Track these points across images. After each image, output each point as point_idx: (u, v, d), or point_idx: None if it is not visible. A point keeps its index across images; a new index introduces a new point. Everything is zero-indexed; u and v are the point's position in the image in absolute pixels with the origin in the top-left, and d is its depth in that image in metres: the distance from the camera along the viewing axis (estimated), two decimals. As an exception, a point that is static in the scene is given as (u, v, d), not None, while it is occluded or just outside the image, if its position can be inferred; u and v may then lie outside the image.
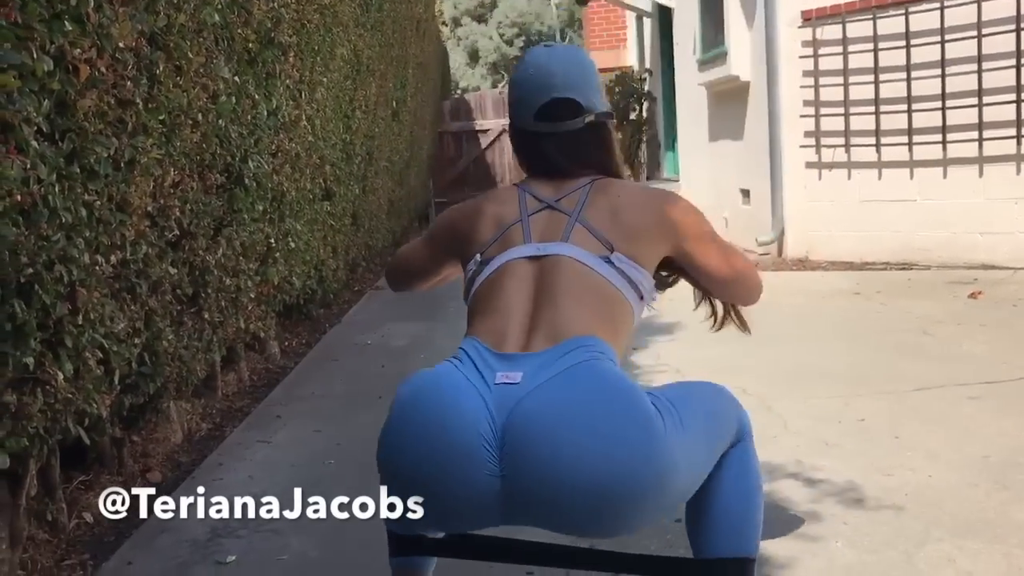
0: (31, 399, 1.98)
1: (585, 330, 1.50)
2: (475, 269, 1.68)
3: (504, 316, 1.56)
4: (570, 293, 1.55)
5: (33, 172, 1.84)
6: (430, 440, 1.42)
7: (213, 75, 3.09)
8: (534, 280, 1.59)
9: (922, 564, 2.05)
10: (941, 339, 4.23)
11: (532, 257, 1.62)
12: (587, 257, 1.60)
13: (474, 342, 1.53)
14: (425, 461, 1.43)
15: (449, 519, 1.51)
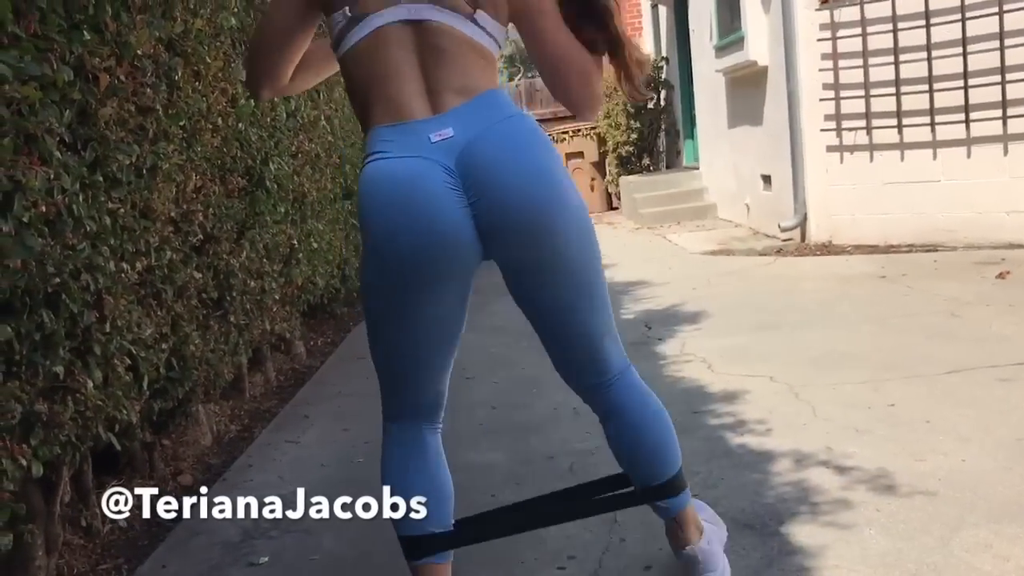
0: (62, 407, 2.00)
1: (487, 86, 1.67)
2: (344, 23, 1.68)
3: (397, 83, 1.65)
4: (454, 55, 1.65)
5: (57, 182, 1.85)
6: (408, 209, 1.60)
7: (232, 79, 3.10)
8: (415, 45, 1.65)
9: (958, 550, 2.03)
10: (970, 321, 4.19)
11: (407, 21, 1.65)
12: (456, 20, 1.66)
13: (379, 133, 1.65)
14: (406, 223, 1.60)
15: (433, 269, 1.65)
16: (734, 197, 8.85)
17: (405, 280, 1.66)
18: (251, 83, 1.90)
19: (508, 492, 2.63)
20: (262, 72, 1.86)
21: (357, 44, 1.66)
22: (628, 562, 2.16)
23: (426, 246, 1.62)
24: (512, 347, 4.38)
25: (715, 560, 1.92)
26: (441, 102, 1.64)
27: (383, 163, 1.63)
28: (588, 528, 2.36)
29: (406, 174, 1.61)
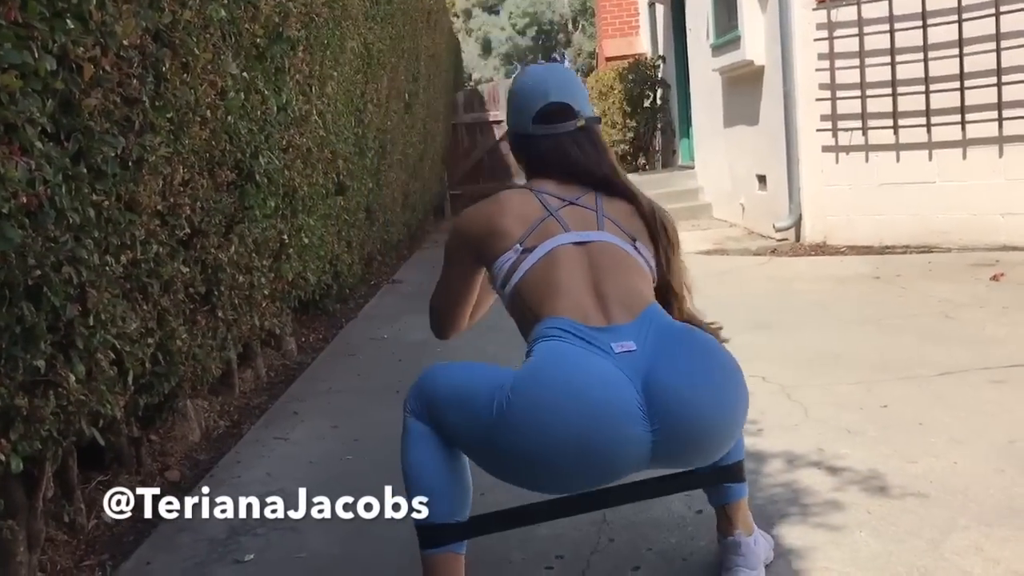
0: (43, 402, 1.97)
1: (649, 300, 1.79)
2: (516, 258, 1.84)
3: (573, 294, 1.77)
4: (621, 271, 1.81)
5: (39, 173, 1.82)
6: (599, 414, 1.59)
7: (221, 71, 3.07)
8: (585, 262, 1.81)
9: (949, 553, 2.01)
10: (963, 323, 4.17)
11: (577, 243, 1.83)
12: (622, 243, 1.86)
13: (563, 321, 1.72)
14: (589, 429, 1.58)
15: (604, 477, 1.69)
16: (729, 197, 8.84)
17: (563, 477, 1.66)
18: (437, 332, 2.20)
19: (499, 492, 2.59)
20: (450, 326, 2.16)
21: (532, 267, 1.82)
22: (617, 562, 2.14)
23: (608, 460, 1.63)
24: (506, 346, 4.33)
25: (755, 560, 1.95)
26: (612, 315, 1.74)
27: (572, 347, 1.67)
28: (576, 528, 2.34)
29: (603, 375, 1.63)
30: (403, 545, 2.34)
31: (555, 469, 1.62)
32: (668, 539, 2.23)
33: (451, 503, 1.82)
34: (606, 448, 1.60)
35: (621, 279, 1.80)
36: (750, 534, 1.98)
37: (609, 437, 1.59)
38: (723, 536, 1.99)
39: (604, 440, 1.59)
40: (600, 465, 1.63)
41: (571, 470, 1.63)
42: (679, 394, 1.62)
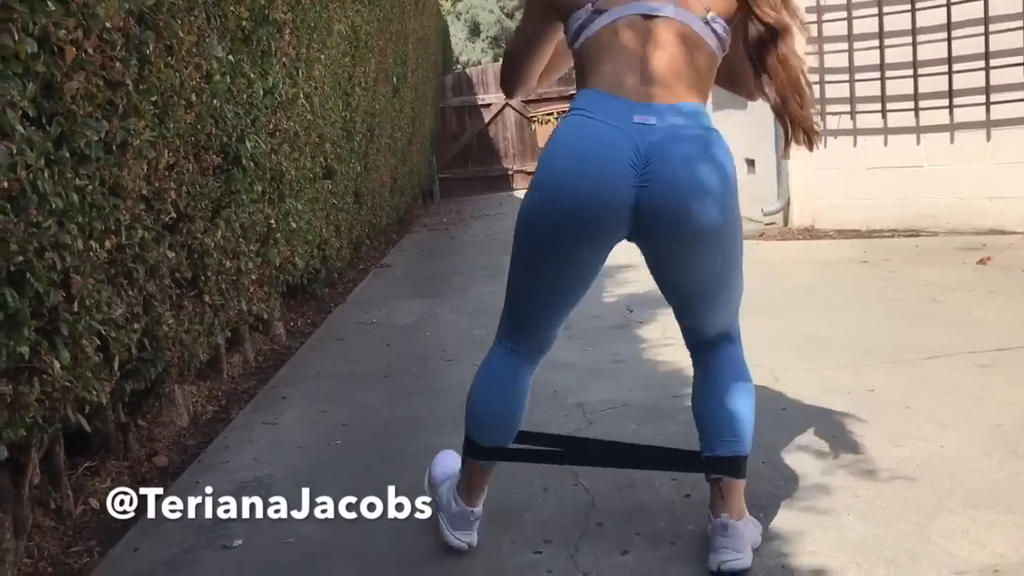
0: (28, 388, 1.96)
1: (693, 95, 1.87)
2: (586, 17, 1.91)
3: (623, 67, 1.86)
4: (679, 56, 1.86)
5: (20, 157, 1.80)
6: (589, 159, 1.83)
7: (206, 54, 3.03)
8: (650, 37, 1.86)
9: (936, 536, 2.02)
10: (950, 306, 4.19)
11: (645, 16, 1.87)
12: (691, 19, 1.87)
13: (592, 93, 1.88)
14: (583, 174, 1.83)
15: (588, 222, 1.87)
16: (718, 180, 8.84)
17: (562, 223, 1.87)
18: (507, 87, 2.25)
19: (485, 475, 2.60)
20: (520, 79, 2.21)
21: (598, 31, 1.89)
22: (605, 546, 2.14)
23: (588, 203, 1.84)
24: (492, 329, 4.34)
25: (742, 543, 1.99)
26: (651, 93, 1.84)
27: (586, 120, 1.86)
28: (564, 513, 2.34)
29: (601, 138, 1.83)
30: (390, 531, 2.35)
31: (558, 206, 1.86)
32: (656, 523, 2.24)
33: (496, 431, 2.13)
34: (596, 190, 1.82)
35: (674, 61, 1.87)
36: (740, 518, 2.02)
37: (596, 187, 1.82)
38: (713, 516, 2.03)
39: (591, 188, 1.82)
40: (592, 207, 1.84)
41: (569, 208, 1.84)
42: (675, 165, 1.81)
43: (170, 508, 2.36)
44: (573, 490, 2.48)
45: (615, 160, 1.81)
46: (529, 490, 2.49)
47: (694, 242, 1.89)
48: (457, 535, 2.18)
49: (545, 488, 2.51)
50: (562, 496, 2.45)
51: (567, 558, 2.11)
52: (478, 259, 7.33)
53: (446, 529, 2.19)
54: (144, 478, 2.92)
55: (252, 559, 2.28)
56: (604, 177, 1.82)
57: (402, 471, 2.72)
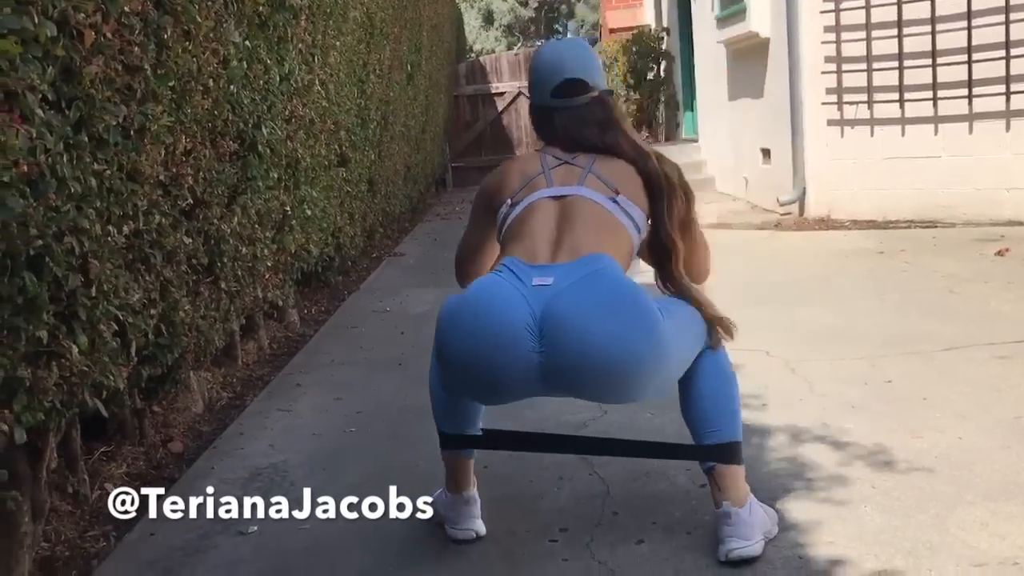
0: (46, 373, 1.96)
1: (598, 249, 1.94)
2: (506, 211, 2.10)
3: (532, 239, 1.99)
4: (585, 222, 1.99)
5: (40, 141, 1.80)
6: (486, 327, 1.85)
7: (223, 40, 3.03)
8: (556, 213, 2.02)
9: (954, 528, 2.01)
10: (968, 298, 4.16)
11: (554, 197, 2.05)
12: (598, 196, 2.04)
13: (510, 259, 1.96)
14: (482, 344, 1.85)
15: (499, 390, 1.93)
16: (733, 170, 8.79)
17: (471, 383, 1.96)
18: (460, 281, 2.36)
19: (501, 464, 2.60)
20: (473, 275, 2.23)
21: (514, 217, 2.07)
22: (620, 535, 2.14)
23: (489, 368, 1.87)
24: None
25: (749, 531, 1.99)
26: (558, 257, 1.94)
27: (492, 277, 1.94)
28: (580, 501, 2.34)
29: (500, 300, 1.88)
30: (405, 520, 2.35)
31: (467, 374, 1.92)
32: (672, 512, 2.23)
33: (461, 418, 2.19)
34: (496, 358, 1.85)
35: (580, 229, 1.98)
36: (741, 505, 2.01)
37: (498, 347, 1.84)
38: (716, 507, 2.05)
39: (493, 350, 1.85)
40: (495, 373, 1.87)
41: (476, 376, 1.90)
42: (568, 322, 1.82)
43: (171, 508, 2.36)
44: (588, 479, 2.48)
45: (508, 325, 1.84)
46: (544, 479, 2.49)
47: (624, 378, 1.86)
48: (458, 526, 2.21)
49: (560, 477, 2.50)
50: (577, 485, 2.44)
51: (583, 547, 2.10)
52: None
53: (448, 527, 2.22)
54: (159, 464, 2.93)
55: (267, 545, 2.29)
56: (501, 345, 1.84)
57: (417, 459, 2.73)
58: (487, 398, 2.07)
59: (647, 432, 2.76)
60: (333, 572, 2.13)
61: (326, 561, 2.18)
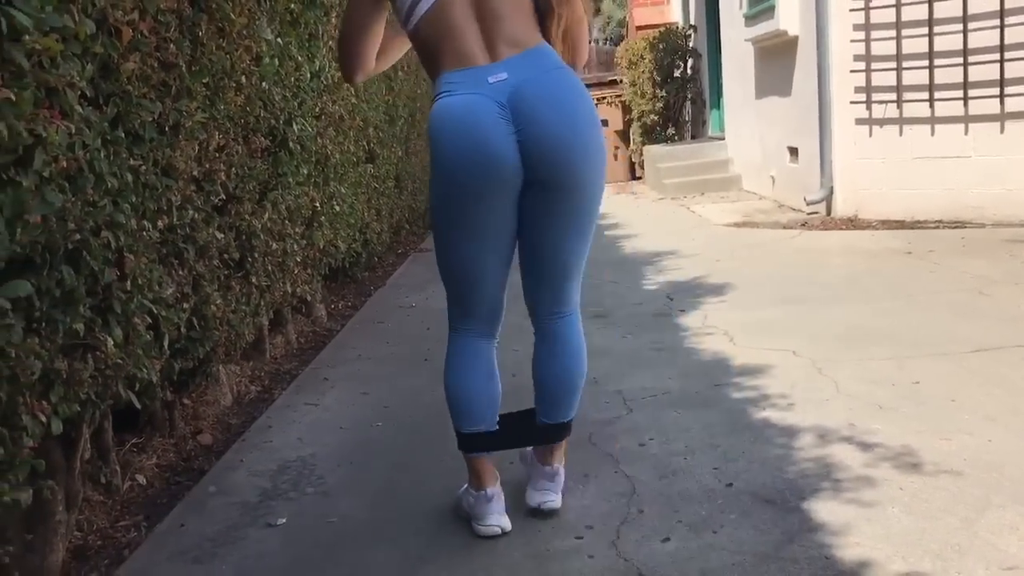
0: (82, 365, 1.99)
1: (534, 40, 2.06)
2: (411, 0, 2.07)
3: (462, 38, 2.03)
4: (507, 14, 2.04)
5: (78, 137, 1.83)
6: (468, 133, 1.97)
7: (256, 37, 3.06)
8: (473, 7, 2.03)
9: (984, 532, 2.00)
10: (998, 299, 4.12)
11: None
12: None
13: (448, 76, 2.03)
14: (465, 144, 1.97)
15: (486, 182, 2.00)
16: (759, 169, 8.76)
17: (465, 192, 2.02)
18: (344, 70, 2.31)
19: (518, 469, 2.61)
20: (355, 63, 2.27)
21: (427, 12, 2.05)
22: (646, 533, 2.14)
23: (480, 163, 1.98)
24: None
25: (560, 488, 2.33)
26: (497, 52, 2.02)
27: (450, 99, 2.00)
28: (605, 499, 2.35)
29: (467, 107, 1.98)
30: (433, 513, 2.37)
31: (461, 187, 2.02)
32: (698, 511, 2.23)
33: (478, 416, 2.25)
34: (477, 152, 1.97)
35: (507, 22, 2.04)
36: (564, 464, 2.36)
37: (476, 141, 1.96)
38: (542, 464, 2.33)
39: (474, 146, 1.97)
40: (480, 168, 1.98)
41: (470, 184, 2.00)
42: (536, 102, 1.97)
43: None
44: (614, 477, 2.49)
45: (484, 120, 1.96)
46: (570, 476, 2.49)
47: (567, 169, 2.02)
48: (484, 523, 2.22)
49: (585, 474, 2.51)
50: (603, 482, 2.45)
51: (608, 544, 2.11)
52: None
53: (474, 524, 2.23)
54: (189, 456, 2.96)
55: (295, 537, 2.31)
56: (482, 137, 1.96)
57: (443, 453, 2.75)
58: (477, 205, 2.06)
59: (674, 430, 2.77)
60: (360, 565, 2.15)
61: (353, 554, 2.20)
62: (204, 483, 2.71)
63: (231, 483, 2.70)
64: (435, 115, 2.02)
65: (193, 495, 2.63)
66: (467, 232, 2.10)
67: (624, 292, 4.91)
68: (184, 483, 2.75)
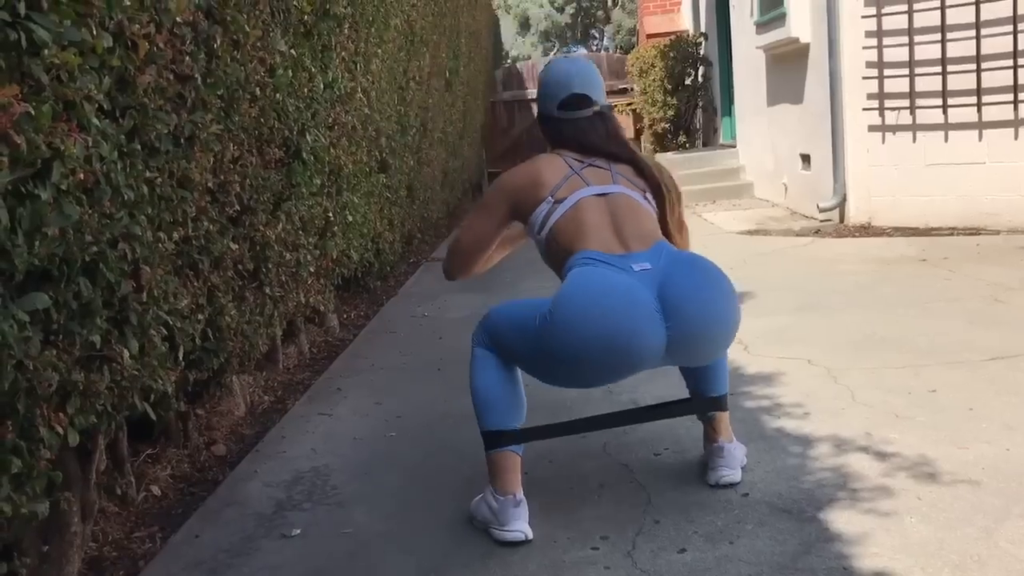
0: (98, 376, 2.00)
1: (658, 235, 2.30)
2: (548, 208, 2.32)
3: (598, 233, 2.24)
4: (636, 214, 2.30)
5: (95, 150, 1.84)
6: (619, 308, 2.07)
7: (270, 48, 3.07)
8: (606, 209, 2.29)
9: (1003, 542, 1.98)
10: (1014, 306, 4.10)
11: (599, 194, 2.32)
12: (634, 194, 2.36)
13: (588, 253, 2.21)
14: (618, 323, 2.06)
15: (623, 367, 2.14)
16: (771, 176, 8.74)
17: (598, 366, 2.11)
18: (453, 273, 2.59)
19: (540, 469, 2.61)
20: (465, 268, 2.57)
21: (563, 214, 2.30)
22: (662, 544, 2.13)
23: (630, 350, 2.08)
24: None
25: (735, 461, 2.45)
26: (629, 246, 2.23)
27: (599, 268, 2.16)
28: (621, 509, 2.34)
29: (625, 284, 2.11)
30: (447, 524, 2.37)
31: (588, 362, 2.08)
32: (714, 522, 2.22)
33: (507, 414, 2.28)
34: (629, 342, 2.06)
35: (635, 220, 2.28)
36: (730, 441, 2.47)
37: (631, 331, 2.06)
38: (709, 443, 2.48)
39: (627, 334, 2.06)
40: (624, 355, 2.08)
41: (601, 362, 2.08)
42: (689, 298, 2.11)
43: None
44: (629, 487, 2.48)
45: (644, 308, 2.08)
46: (585, 486, 2.49)
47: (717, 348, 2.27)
48: (508, 528, 2.22)
49: (601, 484, 2.51)
50: (618, 493, 2.44)
51: (624, 555, 2.10)
52: (527, 254, 7.29)
53: (496, 530, 2.23)
54: (203, 466, 2.97)
55: (310, 548, 2.31)
56: (641, 328, 2.07)
57: (457, 463, 2.75)
58: (601, 378, 2.21)
59: (688, 440, 2.76)
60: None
61: (368, 565, 2.20)
62: (218, 495, 2.72)
63: (245, 494, 2.70)
64: (578, 279, 2.13)
65: (207, 506, 2.64)
66: (574, 382, 2.32)
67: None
68: (198, 494, 2.76)
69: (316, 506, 2.57)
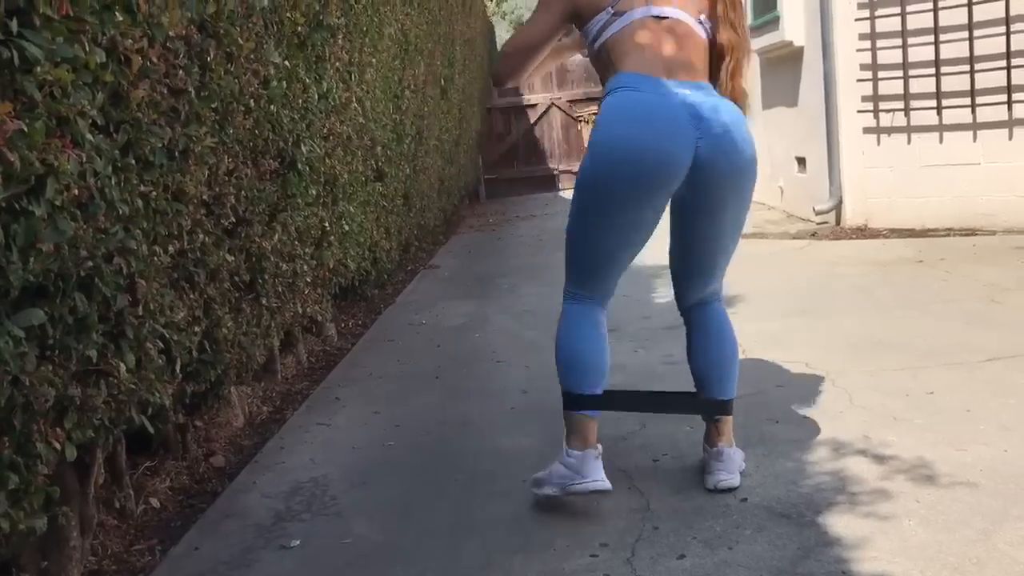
0: (95, 391, 2.00)
1: (705, 76, 2.37)
2: (606, 19, 2.37)
3: (646, 56, 2.31)
4: (687, 45, 2.35)
5: (89, 165, 1.84)
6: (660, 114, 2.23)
7: (263, 60, 3.08)
8: (661, 33, 2.33)
9: (1002, 544, 1.98)
10: (1010, 307, 4.10)
11: (655, 17, 2.35)
12: (690, 20, 2.38)
13: (633, 74, 2.29)
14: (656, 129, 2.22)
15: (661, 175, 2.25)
16: (767, 179, 8.75)
17: (636, 179, 2.23)
18: (505, 76, 2.59)
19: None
20: (523, 70, 2.57)
21: (620, 31, 2.34)
22: (661, 551, 2.13)
23: (661, 158, 2.21)
24: (543, 331, 4.34)
25: (733, 466, 2.46)
26: (675, 74, 2.30)
27: (634, 94, 2.26)
28: (620, 516, 2.34)
29: (659, 102, 2.24)
30: (446, 529, 2.37)
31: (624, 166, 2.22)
32: (713, 527, 2.22)
33: (585, 377, 2.38)
34: (669, 138, 2.21)
35: (686, 52, 2.34)
36: (730, 446, 2.49)
37: (672, 131, 2.21)
38: (709, 446, 2.49)
39: (668, 134, 2.21)
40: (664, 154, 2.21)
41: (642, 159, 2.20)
42: (720, 125, 2.25)
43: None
44: (628, 493, 2.48)
45: (679, 118, 2.22)
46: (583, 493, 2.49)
47: (731, 186, 2.32)
48: (591, 478, 2.34)
49: (600, 490, 2.50)
50: (617, 499, 2.44)
51: (623, 562, 2.10)
52: (525, 260, 7.33)
53: (578, 484, 2.33)
54: (202, 478, 2.97)
55: (310, 559, 2.31)
56: (672, 133, 2.21)
57: (456, 471, 2.75)
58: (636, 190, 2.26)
59: (687, 446, 2.76)
60: (376, 587, 2.15)
61: (368, 575, 2.20)
62: (217, 506, 2.72)
63: (244, 505, 2.70)
64: (615, 102, 2.26)
65: (206, 518, 2.64)
66: (617, 227, 2.32)
67: (634, 306, 4.90)
68: (198, 506, 2.76)
69: (315, 516, 2.57)
